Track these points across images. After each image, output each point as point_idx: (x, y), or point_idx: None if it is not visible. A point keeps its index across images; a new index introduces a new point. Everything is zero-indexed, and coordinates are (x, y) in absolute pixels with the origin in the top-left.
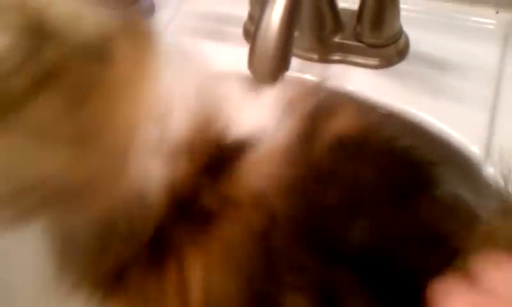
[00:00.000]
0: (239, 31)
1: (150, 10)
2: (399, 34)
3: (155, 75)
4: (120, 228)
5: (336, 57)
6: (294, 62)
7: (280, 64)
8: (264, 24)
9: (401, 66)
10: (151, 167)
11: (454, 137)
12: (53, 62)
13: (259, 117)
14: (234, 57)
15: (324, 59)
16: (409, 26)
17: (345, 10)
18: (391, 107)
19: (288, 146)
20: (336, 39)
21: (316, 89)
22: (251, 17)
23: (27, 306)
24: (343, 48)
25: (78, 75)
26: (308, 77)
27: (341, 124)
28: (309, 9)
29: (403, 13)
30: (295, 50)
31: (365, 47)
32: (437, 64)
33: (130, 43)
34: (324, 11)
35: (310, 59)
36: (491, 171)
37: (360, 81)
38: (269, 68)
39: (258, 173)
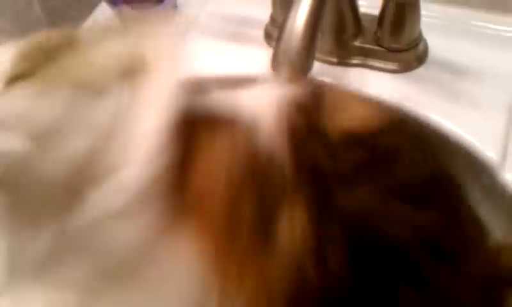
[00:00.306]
0: (260, 33)
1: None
2: (419, 40)
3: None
4: None
5: (355, 61)
6: (314, 65)
7: (303, 66)
8: (288, 26)
9: (420, 71)
10: None
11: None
12: None
13: None
14: (255, 59)
15: (344, 62)
16: (428, 32)
17: (366, 15)
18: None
19: None
20: (357, 43)
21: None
22: (273, 20)
23: None
24: (363, 52)
25: None
26: (328, 79)
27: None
28: (331, 12)
29: (423, 19)
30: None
31: (385, 51)
32: (455, 70)
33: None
34: (346, 14)
35: (330, 62)
36: (507, 176)
37: (379, 85)
38: (292, 69)
39: None
